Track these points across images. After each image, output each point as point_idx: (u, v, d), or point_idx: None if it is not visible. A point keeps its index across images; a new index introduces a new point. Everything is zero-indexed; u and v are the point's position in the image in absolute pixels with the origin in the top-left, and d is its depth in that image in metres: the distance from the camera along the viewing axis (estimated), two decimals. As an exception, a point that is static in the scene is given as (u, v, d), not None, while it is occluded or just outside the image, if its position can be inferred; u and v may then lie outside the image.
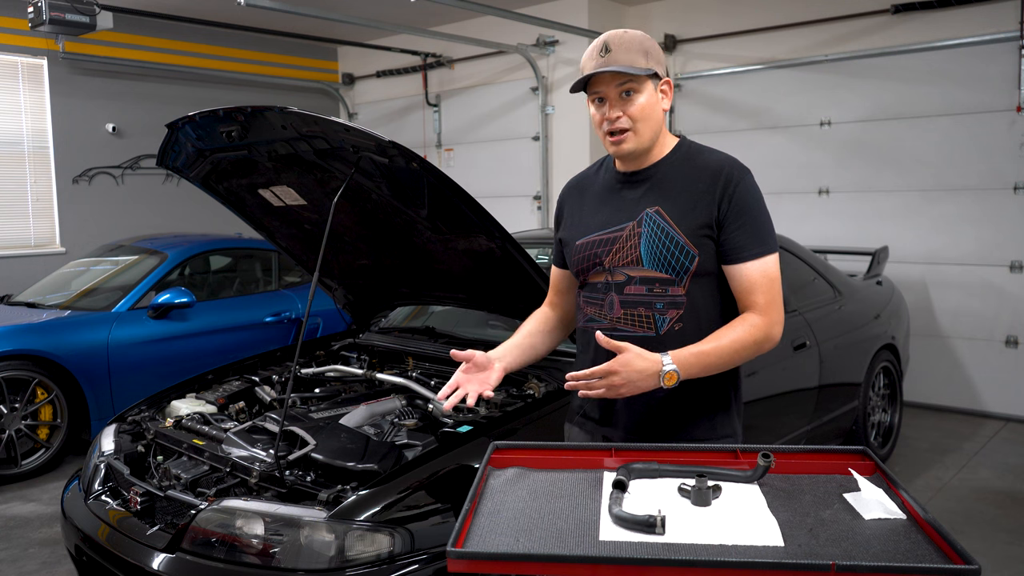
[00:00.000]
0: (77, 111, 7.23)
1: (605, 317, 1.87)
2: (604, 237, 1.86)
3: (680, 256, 1.77)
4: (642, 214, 1.81)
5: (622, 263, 1.83)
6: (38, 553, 3.68)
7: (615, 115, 1.78)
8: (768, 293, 1.76)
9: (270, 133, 2.71)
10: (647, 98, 1.78)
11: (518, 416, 2.64)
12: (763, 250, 1.77)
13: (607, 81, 1.77)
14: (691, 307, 1.79)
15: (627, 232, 1.83)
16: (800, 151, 6.32)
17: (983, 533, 3.72)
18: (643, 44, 1.78)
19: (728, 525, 1.35)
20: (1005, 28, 5.29)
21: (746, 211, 1.77)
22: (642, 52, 1.77)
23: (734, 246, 1.76)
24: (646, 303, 1.81)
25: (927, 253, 5.81)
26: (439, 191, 2.57)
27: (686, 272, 1.77)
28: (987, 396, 5.70)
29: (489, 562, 1.29)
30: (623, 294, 1.84)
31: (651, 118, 1.80)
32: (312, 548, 2.17)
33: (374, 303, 3.77)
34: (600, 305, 1.89)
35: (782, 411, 3.69)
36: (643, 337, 1.80)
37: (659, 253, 1.78)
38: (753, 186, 1.80)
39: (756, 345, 1.75)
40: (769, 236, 1.79)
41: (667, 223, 1.78)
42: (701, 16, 6.81)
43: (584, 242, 1.90)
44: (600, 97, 1.81)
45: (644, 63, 1.76)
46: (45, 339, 4.65)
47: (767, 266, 1.77)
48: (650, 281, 1.80)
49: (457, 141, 8.26)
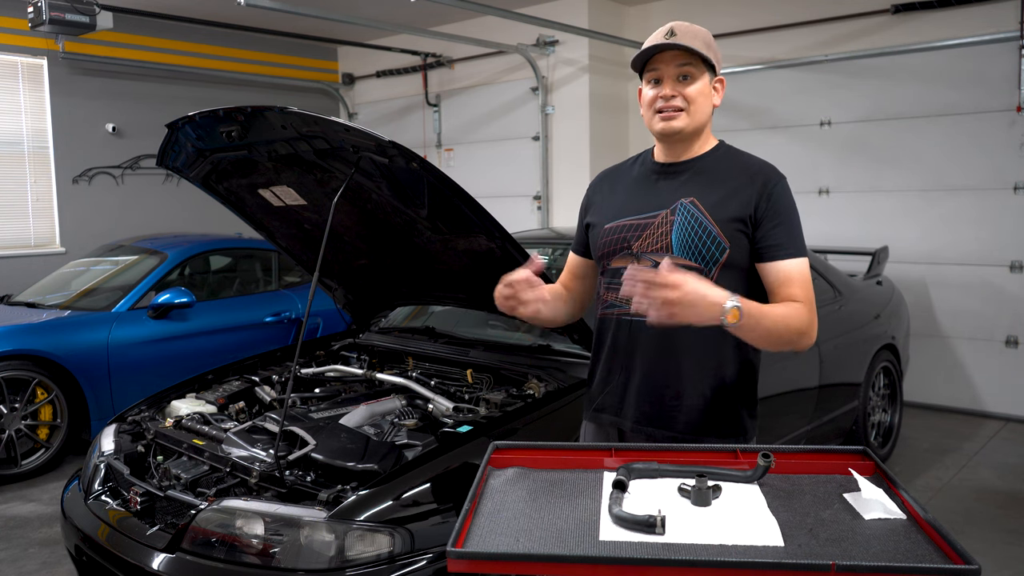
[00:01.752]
0: (77, 111, 7.23)
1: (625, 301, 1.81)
2: (636, 222, 1.86)
3: (711, 246, 1.77)
4: (677, 203, 1.82)
5: (651, 249, 1.83)
6: (38, 553, 3.68)
7: (670, 94, 1.80)
8: (805, 290, 1.76)
9: (270, 133, 2.71)
10: (702, 86, 1.82)
11: (518, 416, 2.63)
12: (797, 252, 1.78)
13: (668, 60, 1.80)
14: None
15: (660, 219, 1.83)
16: (800, 151, 6.32)
17: (983, 533, 3.72)
18: (706, 37, 1.82)
19: (728, 525, 1.35)
20: (1005, 28, 5.29)
21: (782, 212, 1.78)
22: (705, 43, 1.81)
23: (771, 244, 1.77)
24: None
25: (927, 253, 5.81)
26: (439, 191, 2.57)
27: (715, 263, 1.78)
28: (987, 396, 5.70)
29: (489, 562, 1.29)
30: None
31: (703, 106, 1.82)
32: (312, 548, 2.17)
33: (374, 303, 3.78)
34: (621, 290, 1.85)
35: (782, 411, 3.69)
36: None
37: (690, 242, 1.78)
38: (789, 191, 1.82)
39: (800, 326, 1.71)
40: (800, 239, 1.80)
41: (701, 213, 1.79)
42: (701, 16, 6.81)
43: (614, 226, 1.90)
44: (656, 78, 1.82)
45: (707, 52, 1.80)
46: (45, 339, 4.65)
47: (803, 266, 1.78)
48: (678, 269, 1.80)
49: (457, 141, 8.26)
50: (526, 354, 3.16)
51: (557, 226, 7.30)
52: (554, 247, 4.05)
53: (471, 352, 3.26)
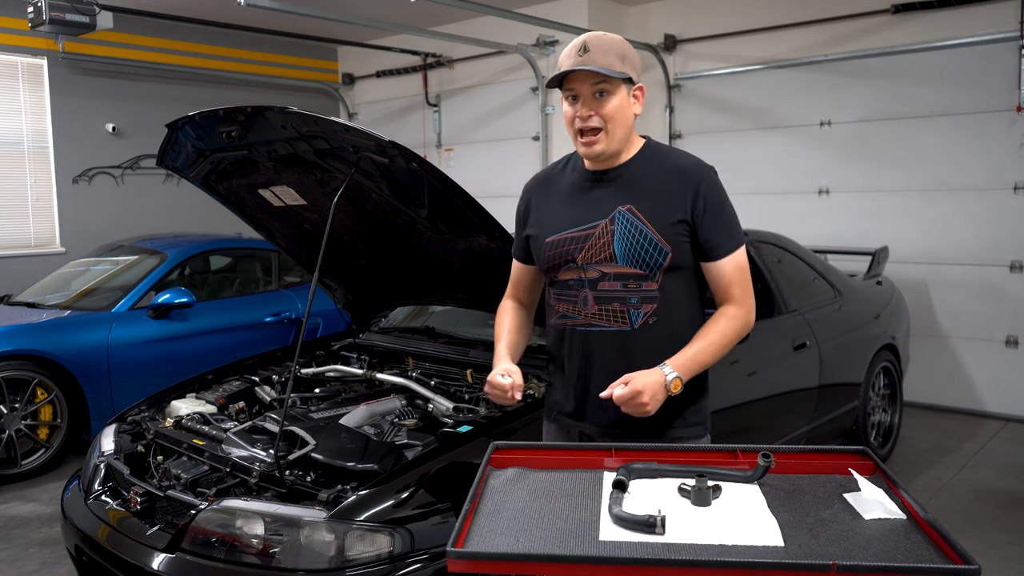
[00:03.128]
0: (77, 111, 7.23)
1: (580, 313, 1.91)
2: (576, 235, 1.90)
3: (654, 253, 1.83)
4: (614, 212, 1.86)
5: (595, 260, 1.87)
6: (38, 553, 3.68)
7: (587, 114, 1.83)
8: (741, 284, 1.88)
9: (270, 133, 2.71)
10: (619, 100, 1.83)
11: (518, 416, 2.63)
12: (734, 244, 1.87)
13: (582, 79, 1.82)
14: (664, 301, 1.86)
15: (600, 229, 1.87)
16: (800, 151, 6.32)
17: (983, 533, 3.72)
18: (620, 48, 1.82)
19: (728, 525, 1.35)
20: (1005, 28, 5.29)
21: (717, 209, 1.85)
22: (619, 56, 1.81)
23: (711, 245, 1.85)
24: (620, 298, 1.86)
25: (927, 253, 5.81)
26: (439, 191, 2.57)
27: (659, 268, 1.84)
28: (987, 396, 5.69)
29: (489, 562, 1.29)
30: (597, 290, 1.88)
31: (622, 121, 1.85)
32: (312, 548, 2.17)
33: (374, 303, 3.78)
34: (574, 302, 1.92)
35: (782, 411, 3.69)
36: (617, 332, 1.87)
37: (633, 250, 1.83)
38: (718, 184, 1.89)
39: (738, 334, 1.86)
40: (737, 229, 1.89)
41: (641, 221, 1.83)
42: (701, 16, 6.81)
43: (555, 239, 1.93)
44: (574, 95, 1.85)
45: (620, 67, 1.81)
46: (45, 339, 4.65)
47: (738, 259, 1.88)
48: (624, 277, 1.86)
49: (457, 141, 8.25)
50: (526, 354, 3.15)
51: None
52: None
53: (471, 352, 3.26)
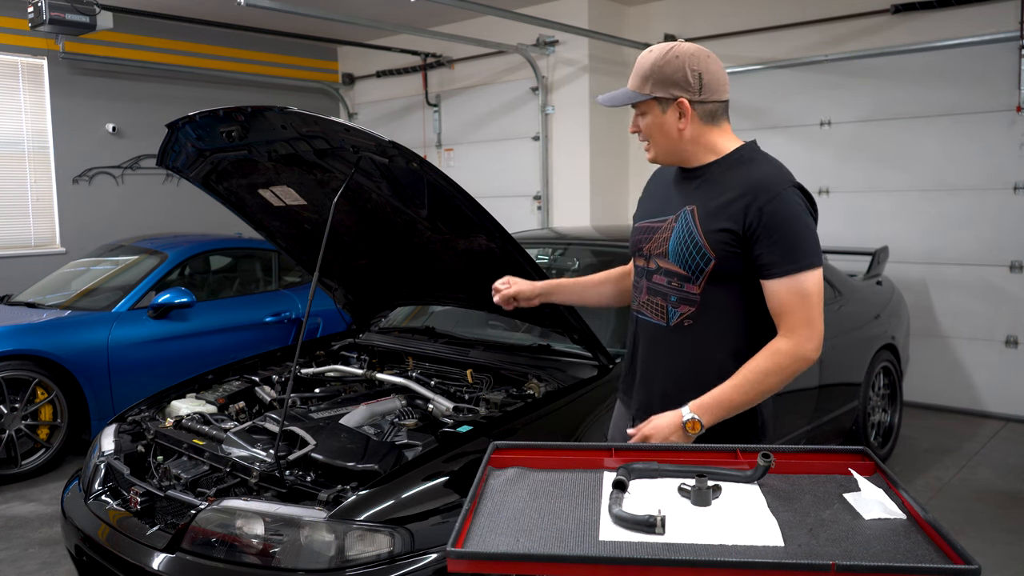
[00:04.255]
0: (77, 111, 7.23)
1: (637, 299, 2.01)
2: (650, 225, 1.98)
3: (697, 257, 1.83)
4: (681, 210, 1.89)
5: (656, 252, 1.93)
6: (38, 553, 3.68)
7: (633, 130, 1.95)
8: (797, 313, 1.76)
9: (270, 133, 2.71)
10: (652, 118, 1.89)
11: (518, 416, 2.63)
12: (795, 267, 1.75)
13: None
14: (704, 306, 1.84)
15: (666, 224, 1.92)
16: (800, 151, 6.32)
17: (983, 533, 3.72)
18: (648, 71, 1.86)
19: (728, 525, 1.35)
20: (1005, 28, 5.29)
21: (778, 228, 1.76)
22: (643, 78, 1.87)
23: (764, 263, 1.78)
24: (664, 294, 1.91)
25: (927, 253, 5.81)
26: (439, 191, 2.57)
27: (701, 272, 1.83)
28: (987, 396, 5.69)
29: (489, 562, 1.29)
30: (651, 281, 1.95)
31: (658, 135, 1.90)
32: (312, 548, 2.17)
33: (374, 303, 3.77)
34: (636, 287, 2.01)
35: (782, 411, 3.68)
36: (656, 324, 1.93)
37: (682, 250, 1.86)
38: (790, 201, 1.78)
39: (782, 371, 1.78)
40: (802, 252, 1.76)
41: (694, 223, 1.84)
42: (701, 16, 6.81)
43: (639, 226, 2.03)
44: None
45: (643, 88, 1.87)
46: (45, 339, 4.65)
47: (799, 283, 1.76)
48: (671, 274, 1.89)
49: (457, 141, 8.25)
50: (526, 354, 3.16)
51: (557, 226, 7.30)
52: (554, 247, 4.05)
53: (471, 352, 3.26)
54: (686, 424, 1.75)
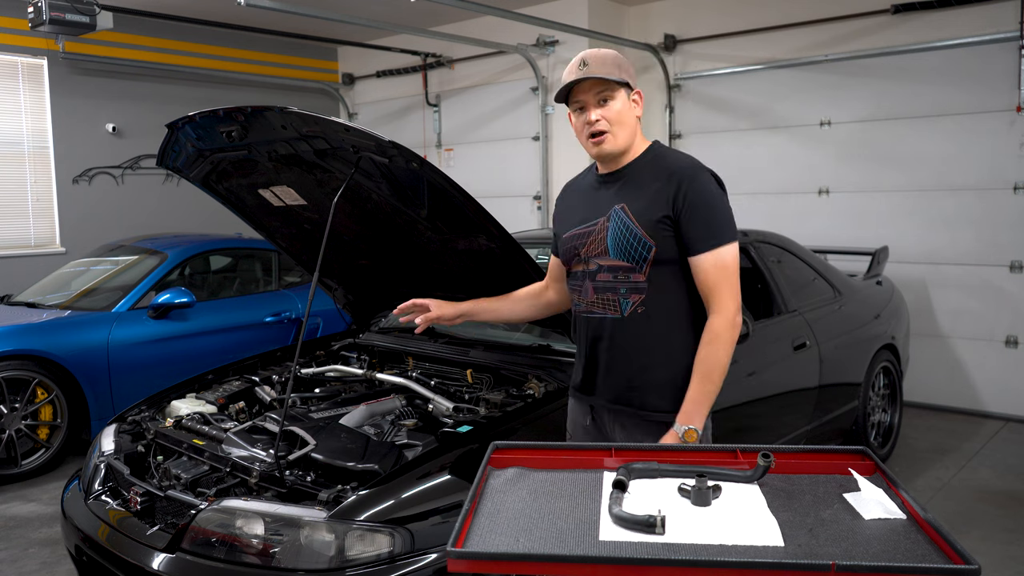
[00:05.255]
0: (77, 111, 7.23)
1: (583, 301, 2.12)
2: (582, 231, 2.10)
3: (639, 247, 1.98)
4: (611, 211, 2.04)
5: (594, 253, 2.07)
6: (38, 553, 3.68)
7: (594, 118, 2.01)
8: (722, 286, 1.95)
9: (270, 133, 2.71)
10: (621, 104, 2.02)
11: (518, 416, 2.64)
12: (714, 242, 1.95)
13: (586, 90, 2.01)
14: (652, 291, 2.00)
15: (599, 226, 2.06)
16: (800, 151, 6.32)
17: (983, 533, 3.72)
18: (616, 60, 2.01)
19: (728, 525, 1.35)
20: (1005, 28, 5.29)
21: (699, 207, 1.95)
22: (615, 65, 2.00)
23: (689, 239, 1.96)
24: (612, 288, 2.04)
25: (927, 253, 5.81)
26: (439, 191, 2.57)
27: (645, 261, 1.99)
28: (987, 396, 5.69)
29: (489, 562, 1.29)
30: (595, 281, 2.07)
31: (625, 123, 2.02)
32: (312, 548, 2.17)
33: (374, 303, 3.77)
34: (579, 291, 2.13)
35: (782, 411, 3.69)
36: (611, 319, 2.05)
37: (622, 245, 2.00)
38: (707, 182, 1.98)
39: (728, 344, 1.95)
40: (723, 229, 1.96)
41: (629, 218, 2.00)
42: (701, 16, 6.81)
43: (568, 235, 2.16)
44: (581, 106, 2.04)
45: (617, 74, 1.99)
46: (45, 339, 4.65)
47: (720, 257, 1.95)
48: (615, 269, 2.03)
49: (457, 141, 8.26)
50: (526, 354, 3.16)
51: (557, 226, 7.28)
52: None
53: (471, 352, 3.26)
54: (684, 436, 1.90)
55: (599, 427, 2.16)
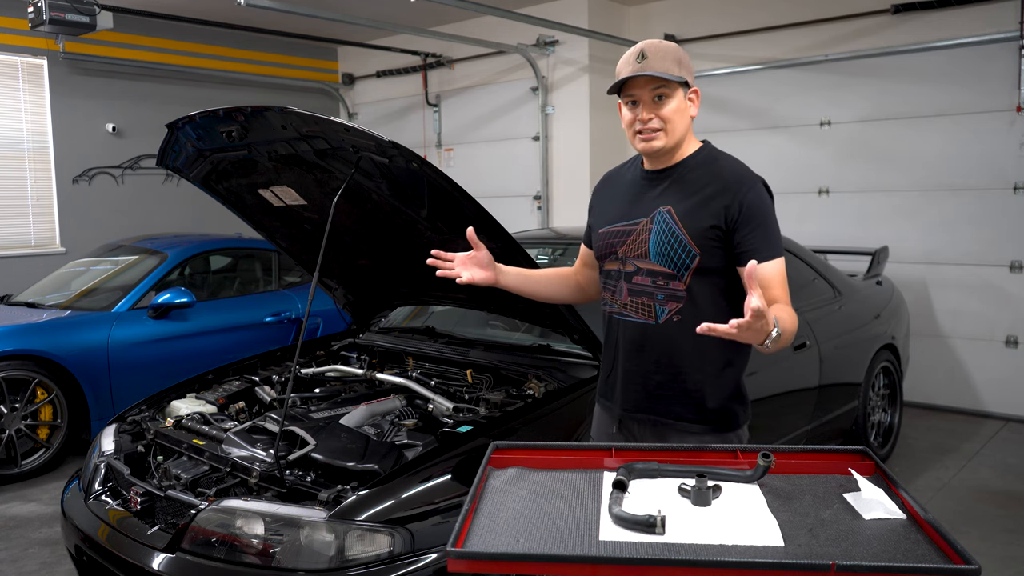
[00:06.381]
0: (77, 111, 7.23)
1: (615, 302, 2.01)
2: (621, 229, 1.99)
3: (682, 254, 1.88)
4: (655, 212, 1.93)
5: (633, 255, 1.96)
6: (38, 553, 3.68)
7: (648, 117, 1.90)
8: (784, 291, 1.85)
9: (270, 133, 2.71)
10: (677, 103, 1.90)
11: (518, 416, 2.63)
12: (774, 254, 1.86)
13: (642, 85, 1.89)
14: (691, 302, 1.90)
15: (640, 227, 1.95)
16: (800, 151, 6.32)
17: (983, 533, 3.72)
18: (676, 54, 1.90)
19: (728, 525, 1.35)
20: (1005, 28, 5.29)
21: (757, 217, 1.85)
22: (675, 61, 1.89)
23: (747, 249, 1.84)
24: (649, 293, 1.94)
25: (927, 253, 5.81)
26: (439, 191, 2.57)
27: (687, 269, 1.88)
28: (987, 396, 5.69)
29: (489, 562, 1.29)
30: (631, 283, 1.97)
31: (680, 122, 1.91)
32: (312, 548, 2.17)
33: (374, 303, 3.77)
34: (612, 291, 2.02)
35: (782, 411, 3.69)
36: (643, 324, 1.96)
37: (664, 249, 1.90)
38: (762, 195, 1.89)
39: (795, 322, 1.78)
40: (778, 243, 1.88)
41: (675, 222, 1.89)
42: (701, 16, 6.81)
43: (605, 231, 2.04)
44: (634, 100, 1.92)
45: (677, 71, 1.88)
46: (45, 339, 4.65)
47: (780, 268, 1.86)
48: (654, 274, 1.92)
49: (457, 141, 8.25)
50: (526, 354, 3.16)
51: (557, 226, 7.29)
52: (554, 247, 4.05)
53: (471, 352, 3.26)
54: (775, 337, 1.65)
55: (626, 438, 2.03)
